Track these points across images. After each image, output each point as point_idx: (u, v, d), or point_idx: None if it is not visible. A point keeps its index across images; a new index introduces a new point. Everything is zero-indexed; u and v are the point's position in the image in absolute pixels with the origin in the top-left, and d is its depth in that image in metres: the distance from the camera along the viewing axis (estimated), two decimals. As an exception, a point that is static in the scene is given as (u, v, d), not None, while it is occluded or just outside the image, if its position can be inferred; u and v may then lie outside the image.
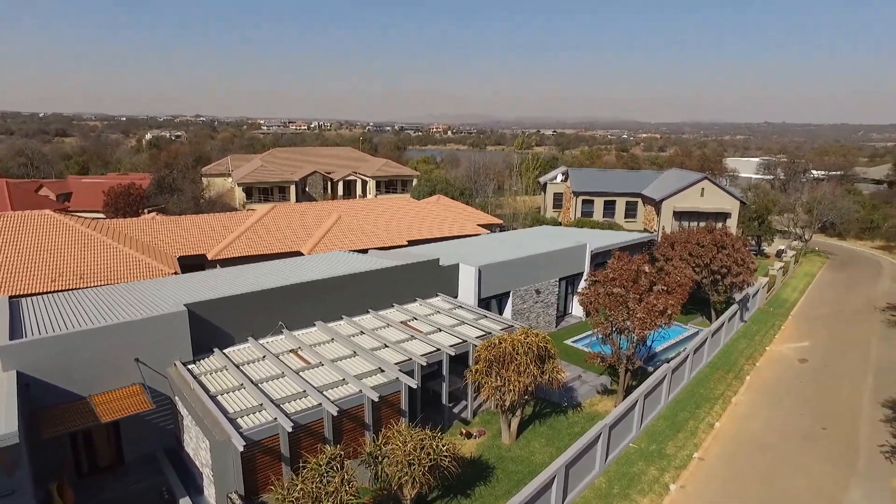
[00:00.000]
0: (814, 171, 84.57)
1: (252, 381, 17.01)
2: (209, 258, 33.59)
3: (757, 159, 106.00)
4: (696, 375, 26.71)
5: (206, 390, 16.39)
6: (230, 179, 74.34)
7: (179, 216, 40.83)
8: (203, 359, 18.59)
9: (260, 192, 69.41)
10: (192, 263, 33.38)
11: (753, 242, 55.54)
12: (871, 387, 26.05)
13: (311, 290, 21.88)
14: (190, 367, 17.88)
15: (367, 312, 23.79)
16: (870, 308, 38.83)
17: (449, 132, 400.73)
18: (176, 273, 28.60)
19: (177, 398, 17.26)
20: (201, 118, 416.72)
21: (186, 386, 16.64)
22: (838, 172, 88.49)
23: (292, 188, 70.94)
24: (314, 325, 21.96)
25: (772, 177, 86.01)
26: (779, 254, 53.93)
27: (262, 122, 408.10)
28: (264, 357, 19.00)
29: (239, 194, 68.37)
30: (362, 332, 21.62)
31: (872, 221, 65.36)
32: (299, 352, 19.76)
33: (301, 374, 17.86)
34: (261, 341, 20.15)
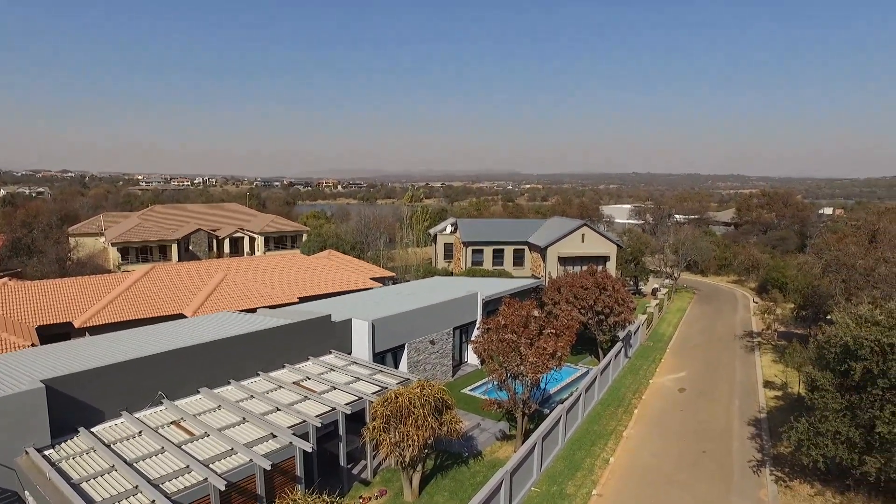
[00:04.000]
0: (676, 216, 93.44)
1: (126, 462, 15.36)
2: (76, 326, 30.46)
3: (629, 206, 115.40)
4: (590, 413, 27.77)
5: (67, 478, 14.53)
6: (103, 239, 68.76)
7: (40, 281, 36.82)
8: (65, 441, 16.56)
9: (138, 251, 64.66)
10: (56, 333, 30.11)
11: (631, 283, 59.76)
12: (738, 408, 28.60)
13: (195, 355, 20.48)
14: (47, 452, 15.85)
15: (257, 375, 22.59)
16: (731, 336, 42.99)
17: (339, 186, 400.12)
18: (33, 345, 25.60)
19: (27, 492, 15.13)
20: (69, 173, 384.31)
21: (41, 476, 14.65)
22: (696, 216, 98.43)
23: (174, 247, 66.82)
24: (199, 392, 20.45)
25: (642, 221, 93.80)
26: (654, 292, 58.31)
27: (140, 177, 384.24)
28: (141, 432, 17.32)
29: (113, 255, 63.23)
30: (252, 397, 20.45)
31: (726, 259, 72.98)
32: (182, 423, 18.23)
33: (184, 447, 16.43)
34: (137, 415, 18.39)
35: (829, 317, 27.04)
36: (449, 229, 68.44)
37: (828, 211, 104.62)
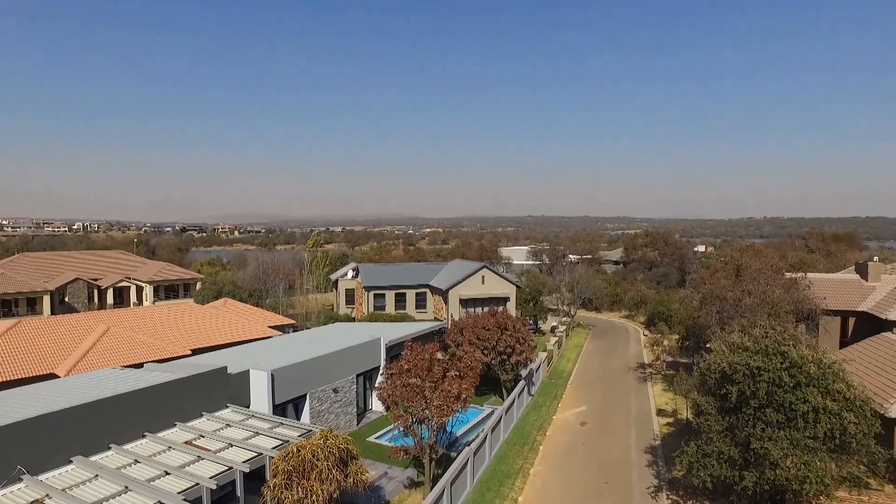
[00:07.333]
0: (571, 256, 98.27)
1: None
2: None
3: (526, 247, 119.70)
4: (497, 453, 27.92)
5: None
6: (-46, 294, 60.95)
7: None
8: None
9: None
10: None
11: (531, 322, 61.66)
12: (635, 437, 30.02)
13: (65, 420, 18.41)
14: None
15: (143, 437, 20.70)
16: (625, 368, 45.35)
17: (236, 232, 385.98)
18: None
19: None
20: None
21: None
22: (588, 256, 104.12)
23: (46, 299, 60.57)
24: (70, 462, 18.36)
25: (539, 262, 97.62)
26: (552, 330, 60.48)
27: (4, 222, 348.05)
28: (-4, 515, 15.18)
29: (-33, 312, 56.17)
30: (137, 462, 18.64)
31: (617, 295, 77.55)
32: (46, 501, 16.18)
33: (51, 526, 14.59)
34: (-9, 495, 16.13)
35: (708, 345, 29.28)
36: (350, 274, 67.61)
37: (701, 248, 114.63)
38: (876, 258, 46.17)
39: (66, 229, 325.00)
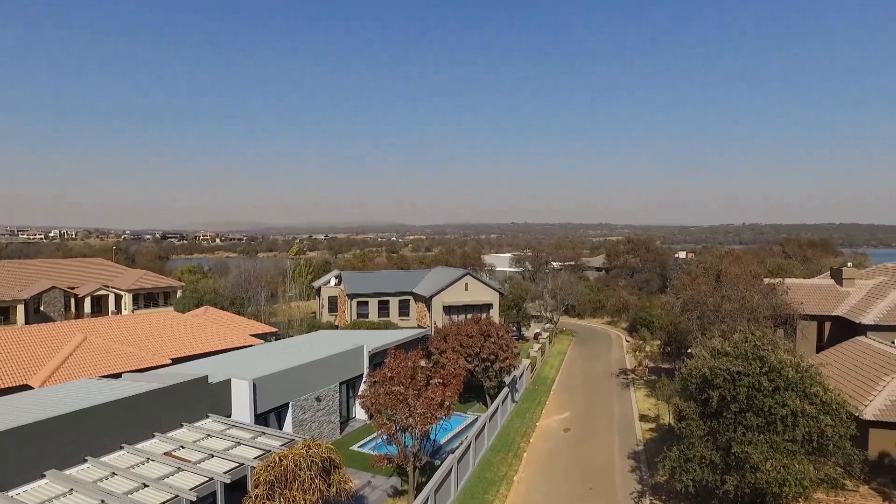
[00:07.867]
0: (553, 263, 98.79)
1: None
2: None
3: (509, 255, 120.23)
4: (481, 460, 27.86)
5: None
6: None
7: None
8: None
9: (-31, 316, 56.51)
10: None
11: (514, 328, 61.79)
12: (618, 444, 30.13)
13: (38, 433, 17.99)
14: None
15: (121, 448, 20.34)
16: (608, 374, 45.61)
17: (217, 239, 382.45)
18: None
19: None
20: None
21: None
22: (571, 263, 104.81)
23: (20, 308, 59.28)
24: (44, 476, 17.94)
25: (522, 269, 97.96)
26: (536, 336, 60.65)
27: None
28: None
29: (-64, 321, 54.77)
30: (114, 474, 18.30)
31: (600, 301, 78.06)
32: (22, 514, 15.82)
33: (25, 542, 14.23)
34: (-37, 510, 15.71)
35: (689, 351, 29.62)
36: (333, 282, 67.27)
37: (681, 255, 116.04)
38: (850, 264, 47.11)
39: (43, 237, 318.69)
